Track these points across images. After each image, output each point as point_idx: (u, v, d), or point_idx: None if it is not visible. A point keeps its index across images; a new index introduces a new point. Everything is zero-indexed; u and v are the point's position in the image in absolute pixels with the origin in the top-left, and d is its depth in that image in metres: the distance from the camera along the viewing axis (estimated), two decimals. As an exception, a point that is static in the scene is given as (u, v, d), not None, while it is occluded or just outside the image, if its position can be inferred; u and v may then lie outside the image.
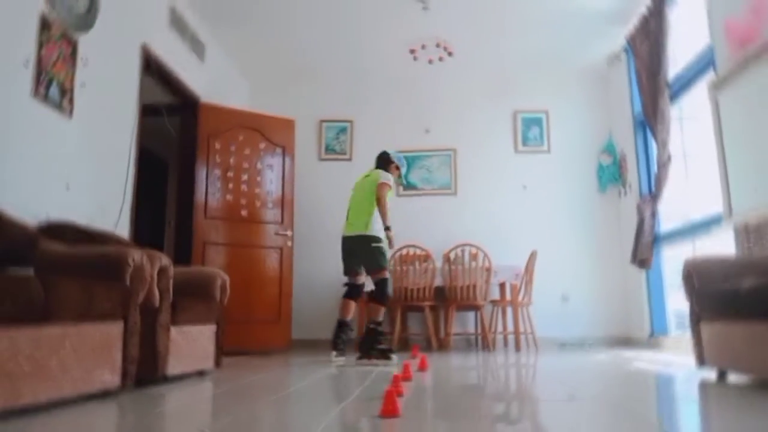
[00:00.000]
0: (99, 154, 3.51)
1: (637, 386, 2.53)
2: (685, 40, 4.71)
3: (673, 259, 5.14)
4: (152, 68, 4.14)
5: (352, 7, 4.88)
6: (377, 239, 4.06)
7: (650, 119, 4.62)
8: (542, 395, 2.31)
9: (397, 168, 4.47)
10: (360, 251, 4.10)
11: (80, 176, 3.31)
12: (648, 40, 4.64)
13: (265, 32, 5.30)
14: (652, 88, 4.58)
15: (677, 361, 3.61)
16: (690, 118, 4.74)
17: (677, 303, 4.89)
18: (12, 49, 2.79)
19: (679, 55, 4.76)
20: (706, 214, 4.16)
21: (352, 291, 4.19)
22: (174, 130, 4.86)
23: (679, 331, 4.92)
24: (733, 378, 2.73)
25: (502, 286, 5.26)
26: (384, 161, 4.44)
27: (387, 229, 4.03)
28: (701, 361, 2.90)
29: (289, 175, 5.34)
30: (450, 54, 5.12)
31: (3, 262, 2.33)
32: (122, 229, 3.70)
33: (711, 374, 2.88)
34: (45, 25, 2.99)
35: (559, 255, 5.73)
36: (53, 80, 3.05)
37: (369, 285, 4.20)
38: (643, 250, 4.72)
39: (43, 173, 3.00)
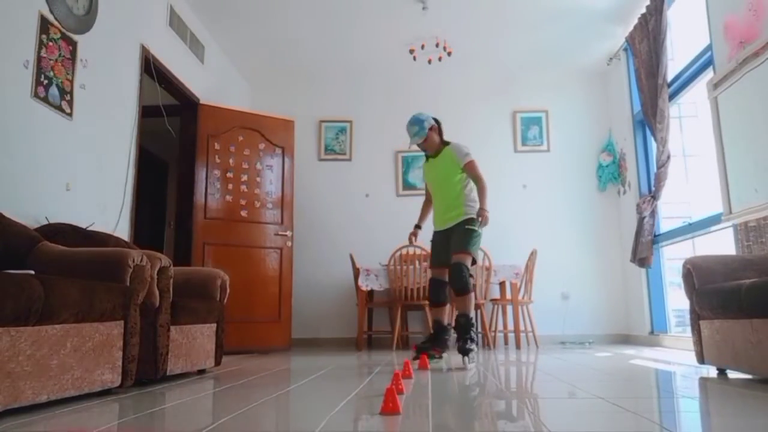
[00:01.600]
0: (99, 155, 3.52)
1: (637, 384, 2.53)
2: (685, 39, 4.72)
3: (672, 258, 5.15)
4: (152, 69, 4.14)
5: (351, 7, 4.88)
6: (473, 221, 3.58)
7: (650, 118, 4.63)
8: (542, 393, 2.32)
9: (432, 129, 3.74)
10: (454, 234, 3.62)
11: (80, 177, 3.32)
12: (647, 40, 4.64)
13: (264, 33, 5.30)
14: (652, 88, 4.58)
15: (677, 359, 3.61)
16: (689, 117, 4.75)
17: (677, 301, 4.89)
18: (12, 50, 2.79)
19: (678, 55, 4.77)
20: (705, 212, 4.17)
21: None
22: (174, 130, 4.86)
23: (679, 329, 4.93)
24: (733, 375, 2.73)
25: (502, 284, 5.27)
26: (437, 130, 3.77)
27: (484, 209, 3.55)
28: (701, 358, 2.91)
29: (289, 175, 5.34)
30: (449, 54, 5.13)
31: (3, 263, 2.34)
32: (122, 229, 3.71)
33: (711, 372, 2.88)
34: (45, 25, 3.00)
35: (559, 254, 5.74)
36: (53, 81, 3.06)
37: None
38: (643, 249, 4.73)
39: (43, 174, 3.01)
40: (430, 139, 3.74)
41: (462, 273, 3.47)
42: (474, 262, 3.62)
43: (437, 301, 3.76)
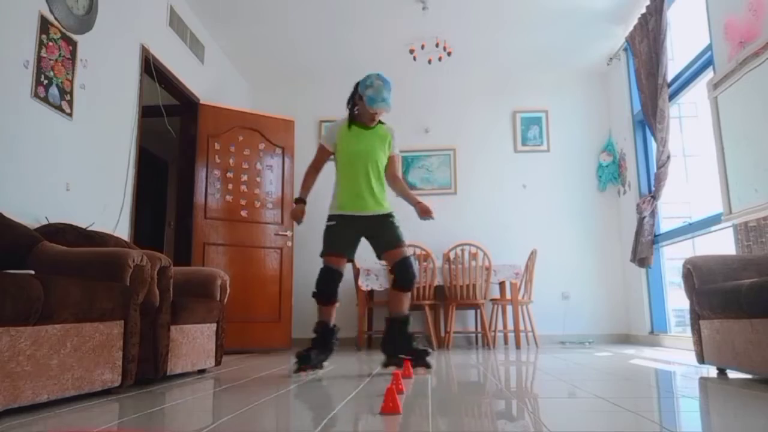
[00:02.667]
0: (99, 155, 3.52)
1: (637, 383, 2.53)
2: (685, 39, 4.72)
3: (672, 258, 5.15)
4: (152, 69, 4.14)
5: (351, 7, 4.88)
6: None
7: (650, 118, 4.63)
8: (542, 393, 2.32)
9: (361, 98, 3.27)
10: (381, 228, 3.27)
11: (80, 177, 3.32)
12: (647, 40, 4.64)
13: (264, 33, 5.30)
14: (652, 88, 4.58)
15: (677, 359, 3.61)
16: (689, 117, 4.75)
17: (677, 301, 4.89)
18: (12, 50, 2.79)
19: (678, 55, 4.77)
20: (705, 212, 4.17)
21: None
22: (174, 130, 4.87)
23: (679, 329, 4.93)
24: (733, 375, 2.73)
25: (502, 284, 5.27)
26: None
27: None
28: (701, 358, 2.91)
29: (289, 175, 5.34)
30: (449, 53, 5.13)
31: (3, 263, 2.34)
32: (122, 229, 3.71)
33: (711, 372, 2.88)
34: (45, 26, 3.00)
35: (559, 254, 5.74)
36: (53, 81, 3.06)
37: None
38: (643, 249, 4.73)
39: (43, 174, 3.01)
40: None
41: (413, 266, 3.14)
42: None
43: (329, 300, 3.23)
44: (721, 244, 3.98)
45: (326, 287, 3.24)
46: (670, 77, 4.51)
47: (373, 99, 3.16)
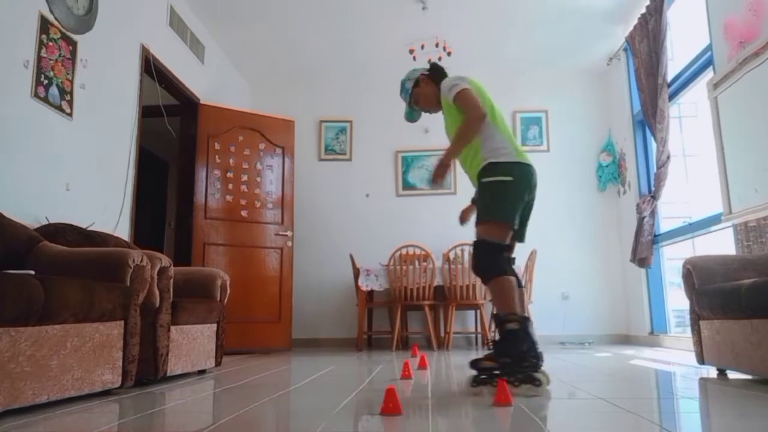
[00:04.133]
0: (99, 155, 3.52)
1: (637, 384, 2.53)
2: (685, 39, 4.72)
3: (672, 258, 5.15)
4: (152, 69, 4.14)
5: (351, 7, 4.88)
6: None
7: (649, 118, 4.63)
8: (542, 393, 2.31)
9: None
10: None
11: (80, 177, 3.32)
12: (647, 40, 4.64)
13: (264, 33, 5.30)
14: (652, 88, 4.58)
15: (677, 359, 3.61)
16: (689, 117, 4.75)
17: (677, 301, 4.89)
18: (12, 50, 2.79)
19: (678, 55, 4.77)
20: (705, 212, 4.17)
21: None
22: (174, 130, 4.87)
23: (679, 330, 4.93)
24: (733, 376, 2.73)
25: (502, 285, 5.25)
26: (430, 80, 2.86)
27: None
28: (701, 359, 2.91)
29: (289, 175, 5.34)
30: (449, 53, 5.12)
31: (3, 263, 2.34)
32: (122, 229, 3.71)
33: (711, 372, 2.88)
34: (45, 26, 3.00)
35: (559, 254, 5.74)
36: (53, 81, 3.06)
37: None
38: (643, 249, 4.73)
39: (43, 174, 3.01)
40: (425, 95, 2.85)
41: (478, 255, 2.51)
42: (508, 226, 2.57)
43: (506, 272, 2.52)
44: (721, 244, 3.98)
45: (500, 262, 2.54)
46: (670, 77, 4.50)
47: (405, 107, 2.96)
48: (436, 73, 2.85)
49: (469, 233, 5.63)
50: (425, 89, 2.85)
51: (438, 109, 2.90)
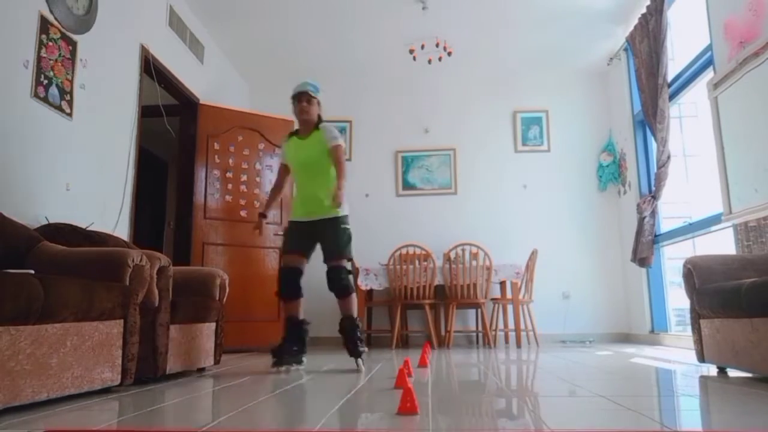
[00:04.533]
0: (99, 155, 3.52)
1: (638, 382, 2.53)
2: (685, 39, 4.73)
3: (673, 258, 5.15)
4: (152, 69, 4.14)
5: (351, 7, 4.88)
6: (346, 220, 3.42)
7: (650, 118, 4.63)
8: (543, 391, 2.32)
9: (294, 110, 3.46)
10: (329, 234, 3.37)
11: (80, 177, 3.32)
12: (648, 40, 4.64)
13: (264, 33, 5.30)
14: (652, 87, 4.58)
15: (678, 358, 3.61)
16: (689, 117, 4.75)
17: (677, 300, 4.90)
18: (12, 50, 2.79)
19: (678, 55, 4.77)
20: (705, 212, 4.17)
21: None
22: (173, 130, 4.87)
23: (679, 328, 4.93)
24: (733, 374, 2.73)
25: (502, 284, 5.27)
26: (318, 106, 3.52)
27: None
28: (701, 357, 2.91)
29: (289, 175, 5.34)
30: (449, 53, 5.13)
31: (3, 263, 2.34)
32: (122, 229, 3.71)
33: (711, 370, 2.88)
34: (45, 25, 3.00)
35: (559, 253, 5.74)
36: (53, 81, 3.06)
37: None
38: (643, 249, 4.73)
39: (43, 174, 3.01)
40: (311, 110, 3.37)
41: (341, 276, 3.28)
42: (350, 260, 3.37)
43: (292, 295, 3.42)
44: (721, 244, 3.98)
45: (288, 285, 3.45)
46: (670, 77, 4.51)
47: (293, 98, 3.41)
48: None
49: (470, 233, 5.63)
50: (316, 109, 3.44)
51: (305, 130, 3.43)
